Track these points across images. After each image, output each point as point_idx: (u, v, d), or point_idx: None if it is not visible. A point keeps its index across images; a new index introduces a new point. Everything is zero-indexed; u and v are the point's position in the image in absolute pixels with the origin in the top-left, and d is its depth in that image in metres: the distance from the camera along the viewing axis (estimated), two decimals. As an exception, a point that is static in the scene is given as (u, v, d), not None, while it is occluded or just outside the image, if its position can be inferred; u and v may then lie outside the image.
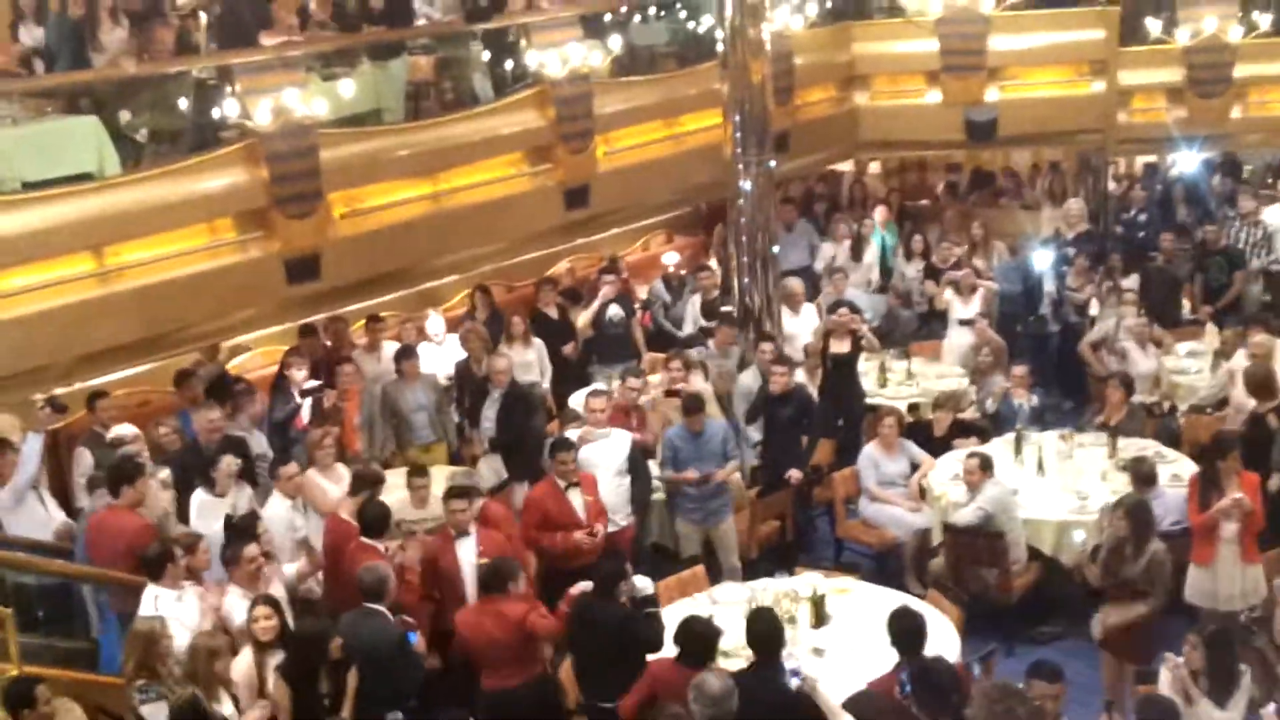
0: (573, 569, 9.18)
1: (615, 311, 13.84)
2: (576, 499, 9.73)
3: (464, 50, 15.04)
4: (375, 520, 8.98)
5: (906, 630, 7.50)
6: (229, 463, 9.70)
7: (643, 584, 8.25)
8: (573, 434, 10.45)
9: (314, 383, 11.68)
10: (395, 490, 10.23)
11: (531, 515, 9.85)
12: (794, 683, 7.15)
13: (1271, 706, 7.28)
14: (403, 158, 12.97)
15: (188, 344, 11.95)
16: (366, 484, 9.60)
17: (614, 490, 10.22)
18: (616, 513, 10.18)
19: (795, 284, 14.10)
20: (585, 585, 8.28)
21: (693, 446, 10.60)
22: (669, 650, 7.72)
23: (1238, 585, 9.12)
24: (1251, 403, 10.75)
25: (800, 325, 13.40)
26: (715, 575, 10.06)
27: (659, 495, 10.98)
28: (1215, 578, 9.18)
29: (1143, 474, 9.51)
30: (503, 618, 8.17)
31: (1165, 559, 8.70)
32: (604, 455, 10.31)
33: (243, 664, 7.74)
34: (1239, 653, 7.75)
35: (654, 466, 11.10)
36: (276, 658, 7.77)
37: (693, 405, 10.81)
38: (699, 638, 7.50)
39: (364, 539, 8.90)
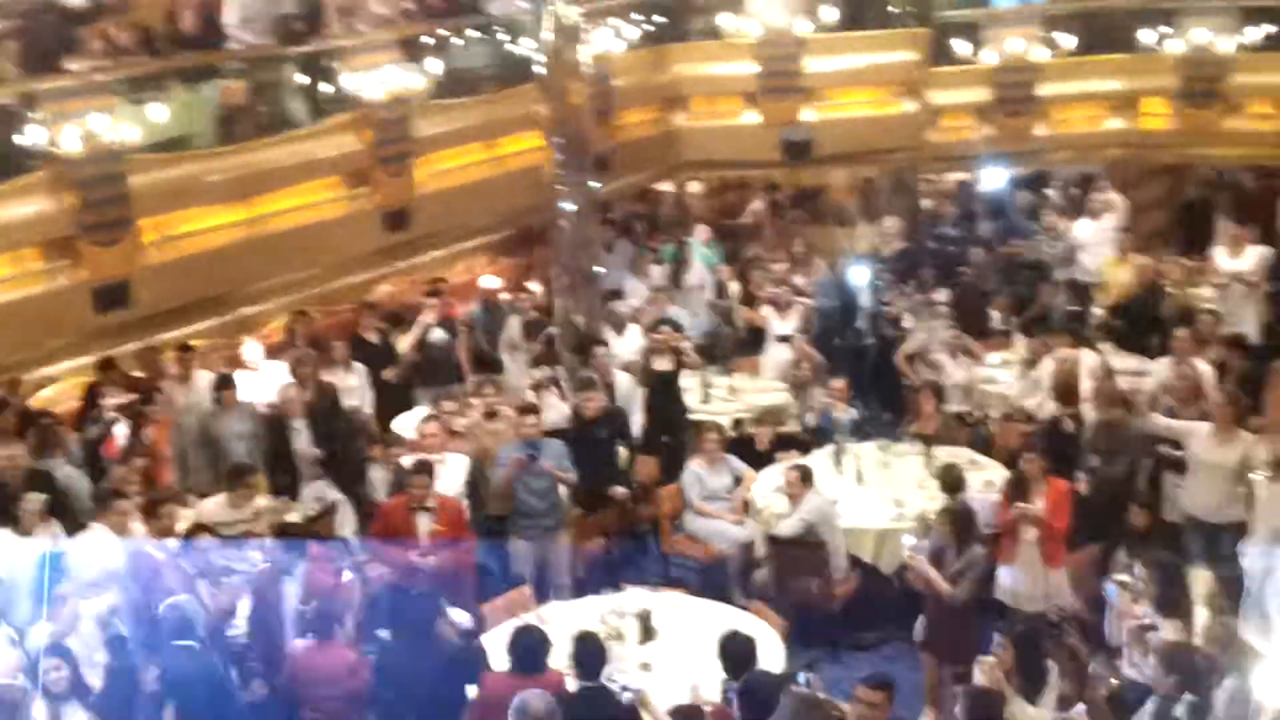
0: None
1: (438, 335, 13.72)
2: (424, 524, 9.66)
3: (279, 74, 14.84)
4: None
5: (737, 653, 7.62)
6: (33, 500, 9.33)
7: (460, 616, 8.21)
8: (409, 459, 10.34)
9: (124, 398, 11.38)
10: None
11: (378, 525, 9.85)
12: (625, 697, 7.17)
13: (1081, 707, 7.48)
14: (216, 182, 12.77)
15: (-8, 376, 11.59)
16: (162, 503, 9.42)
17: None
18: None
19: (619, 306, 14.17)
20: None
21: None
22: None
23: (1040, 586, 9.40)
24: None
25: (624, 345, 13.44)
26: (541, 595, 10.03)
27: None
28: (1018, 578, 9.46)
29: (949, 481, 9.77)
30: (333, 665, 8.11)
31: (980, 560, 8.94)
32: (440, 480, 10.21)
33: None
34: (1049, 651, 7.99)
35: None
36: (73, 707, 7.50)
37: (528, 408, 10.85)
38: (532, 645, 7.56)
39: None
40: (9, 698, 7.13)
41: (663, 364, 12.58)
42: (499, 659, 7.94)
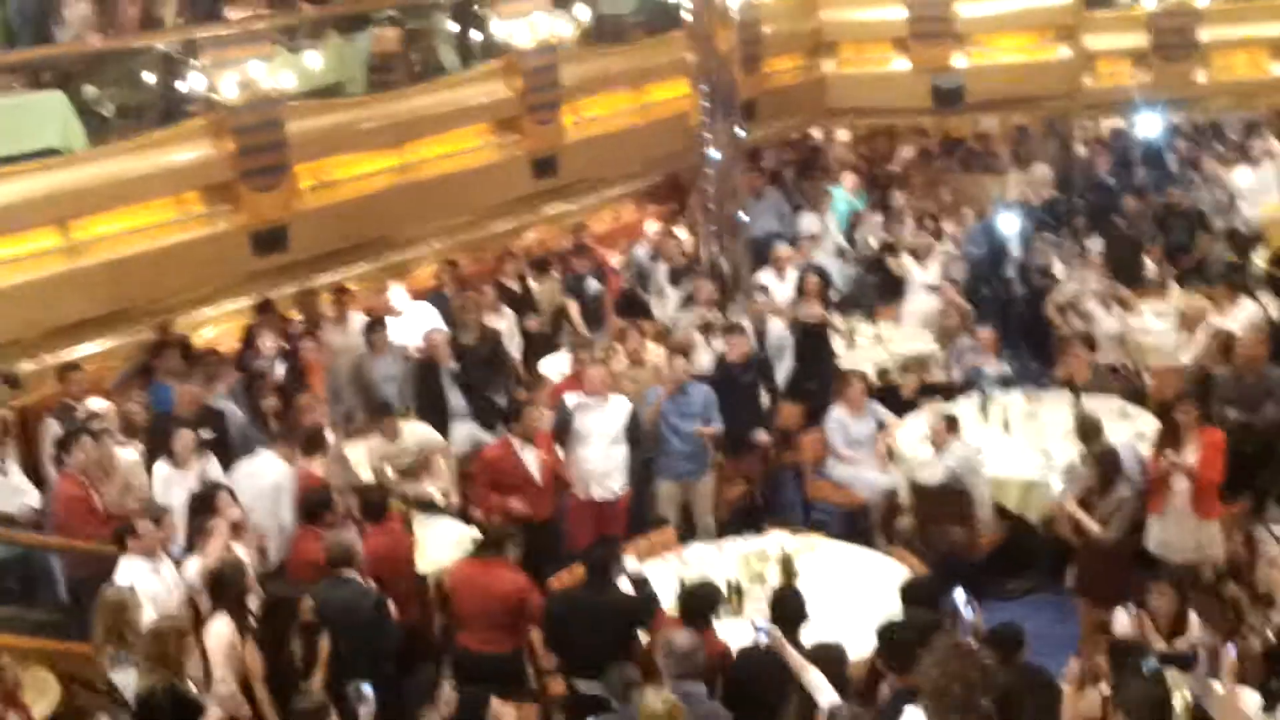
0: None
1: (595, 286, 13.85)
2: (530, 457, 9.82)
3: (430, 22, 15.05)
4: (314, 506, 8.96)
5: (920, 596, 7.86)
6: (186, 436, 9.66)
7: (634, 566, 8.29)
8: (573, 399, 10.42)
9: (281, 339, 11.75)
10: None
11: (484, 476, 9.99)
12: (760, 639, 7.21)
13: (1231, 648, 7.33)
14: (370, 129, 13.01)
15: (156, 317, 11.97)
16: (315, 441, 9.69)
17: (609, 458, 10.20)
18: (610, 479, 10.22)
19: (782, 249, 14.08)
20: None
21: (673, 405, 10.55)
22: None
23: (1191, 538, 9.19)
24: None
25: (785, 289, 13.40)
26: (683, 537, 10.12)
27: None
28: (1169, 529, 9.26)
29: (1086, 429, 9.60)
30: (499, 584, 8.22)
31: (1128, 502, 8.81)
32: (600, 423, 10.23)
33: (222, 631, 7.67)
34: (1199, 600, 7.87)
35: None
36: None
37: (677, 350, 10.91)
38: (702, 601, 7.68)
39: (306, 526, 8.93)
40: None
41: (810, 312, 12.53)
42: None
